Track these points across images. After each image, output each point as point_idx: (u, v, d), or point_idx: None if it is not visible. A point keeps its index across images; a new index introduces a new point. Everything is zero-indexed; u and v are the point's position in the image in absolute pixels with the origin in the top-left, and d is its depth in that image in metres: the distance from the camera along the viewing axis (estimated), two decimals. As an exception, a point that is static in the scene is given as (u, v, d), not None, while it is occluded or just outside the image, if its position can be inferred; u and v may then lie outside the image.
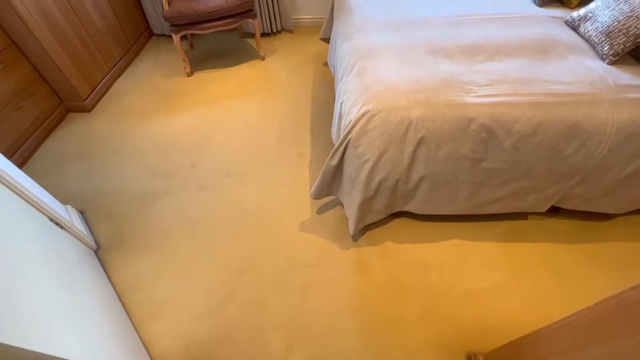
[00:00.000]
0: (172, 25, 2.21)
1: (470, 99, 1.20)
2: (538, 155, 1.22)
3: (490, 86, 1.24)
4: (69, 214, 1.47)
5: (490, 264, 1.41)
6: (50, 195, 1.41)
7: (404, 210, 1.46)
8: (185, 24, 2.21)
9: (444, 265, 1.41)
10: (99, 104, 2.28)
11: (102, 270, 1.43)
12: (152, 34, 2.98)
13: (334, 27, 1.98)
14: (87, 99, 2.18)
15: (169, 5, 2.20)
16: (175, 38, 2.27)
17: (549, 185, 1.33)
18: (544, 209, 1.44)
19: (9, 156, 1.80)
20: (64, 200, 1.69)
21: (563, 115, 1.16)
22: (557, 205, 1.45)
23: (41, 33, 1.83)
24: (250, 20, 2.37)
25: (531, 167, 1.26)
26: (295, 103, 2.21)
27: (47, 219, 1.27)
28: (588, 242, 1.46)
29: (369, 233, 1.53)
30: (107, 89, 2.38)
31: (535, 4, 1.75)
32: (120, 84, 2.45)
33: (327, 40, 2.34)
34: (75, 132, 2.08)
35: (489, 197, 1.37)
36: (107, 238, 1.56)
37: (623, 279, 1.35)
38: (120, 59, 2.53)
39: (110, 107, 2.25)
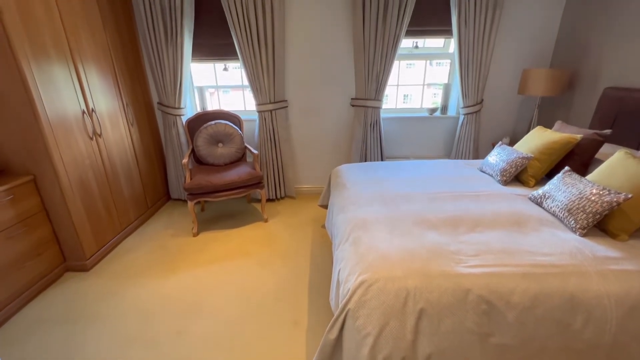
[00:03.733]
0: (190, 194, 2.53)
1: (462, 269, 1.25)
2: (547, 330, 1.16)
3: (478, 256, 1.32)
4: (18, 401, 1.24)
5: None
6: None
7: (415, 398, 1.25)
8: (202, 193, 2.54)
9: None
10: (101, 262, 2.32)
11: None
12: (169, 198, 3.36)
13: (330, 197, 2.28)
14: (90, 258, 2.23)
15: (191, 178, 2.60)
16: (190, 204, 2.55)
17: (572, 366, 1.19)
18: (578, 397, 1.24)
19: (-16, 321, 1.67)
20: (19, 380, 1.45)
21: (555, 286, 1.18)
22: (591, 392, 1.25)
23: (73, 203, 2.07)
24: (258, 189, 2.74)
25: (544, 343, 1.17)
26: (293, 263, 2.25)
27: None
28: None
29: None
30: (113, 248, 2.48)
31: (499, 183, 2.09)
32: (128, 242, 2.57)
33: (325, 206, 2.63)
34: (65, 292, 2.02)
35: (509, 381, 1.21)
36: None
37: None
38: (135, 220, 2.75)
39: (110, 266, 2.27)
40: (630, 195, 1.40)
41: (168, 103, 2.94)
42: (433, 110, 3.21)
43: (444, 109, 3.25)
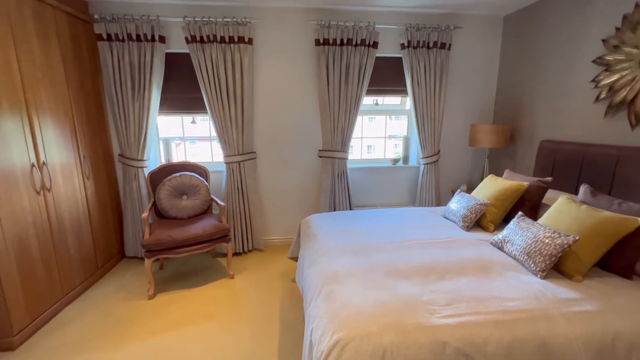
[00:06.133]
0: (147, 251, 2.33)
1: (436, 320, 1.23)
2: (525, 382, 1.14)
3: (450, 305, 1.32)
4: None
5: None
6: None
7: None
8: (162, 250, 2.36)
9: None
10: (32, 338, 1.97)
11: None
12: (123, 256, 3.07)
13: (300, 250, 2.21)
14: (18, 333, 1.89)
15: (150, 233, 2.42)
16: (147, 262, 2.34)
17: (554, 420, 1.15)
18: None
19: None
20: None
21: (527, 333, 1.19)
22: None
23: (7, 268, 1.81)
24: (225, 243, 2.60)
25: (525, 397, 1.13)
26: (261, 325, 2.07)
27: None
28: None
29: None
30: (50, 319, 2.14)
31: (462, 229, 2.18)
32: (69, 311, 2.24)
33: (295, 258, 2.54)
34: (-20, 380, 1.66)
35: None
36: None
37: None
38: (80, 284, 2.44)
39: (43, 342, 1.93)
40: (577, 238, 1.52)
41: (130, 155, 2.84)
42: (396, 161, 3.40)
43: (406, 159, 3.46)
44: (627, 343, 1.20)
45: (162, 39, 2.73)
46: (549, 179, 2.14)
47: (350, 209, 3.19)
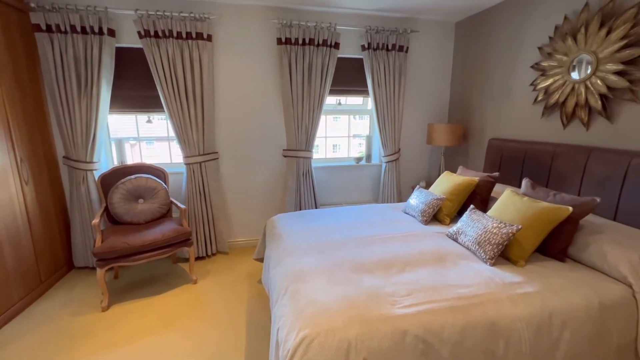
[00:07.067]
0: (100, 259, 2.17)
1: (398, 311, 1.29)
2: (477, 361, 1.23)
3: (410, 296, 1.39)
4: None
5: None
6: None
7: None
8: (116, 258, 2.20)
9: None
10: (-39, 364, 1.75)
11: None
12: (71, 267, 2.82)
13: (266, 250, 2.19)
14: (-56, 360, 1.67)
15: (103, 240, 2.25)
16: (100, 272, 2.18)
17: (503, 393, 1.26)
18: None
19: None
20: None
21: (478, 316, 1.29)
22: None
23: None
24: (186, 247, 2.50)
25: (477, 375, 1.23)
26: (227, 329, 2.02)
27: None
28: None
29: None
30: (-16, 341, 1.91)
31: (421, 223, 2.30)
32: (7, 331, 2.02)
33: (261, 260, 2.51)
34: None
35: (453, 422, 1.21)
36: None
37: None
38: (20, 300, 2.21)
39: (-25, 368, 1.73)
40: (520, 227, 1.67)
41: (77, 157, 2.62)
42: (359, 159, 3.49)
43: (369, 157, 3.56)
44: (561, 319, 1.34)
45: (112, 32, 2.55)
46: (496, 174, 2.32)
47: (316, 208, 3.22)
